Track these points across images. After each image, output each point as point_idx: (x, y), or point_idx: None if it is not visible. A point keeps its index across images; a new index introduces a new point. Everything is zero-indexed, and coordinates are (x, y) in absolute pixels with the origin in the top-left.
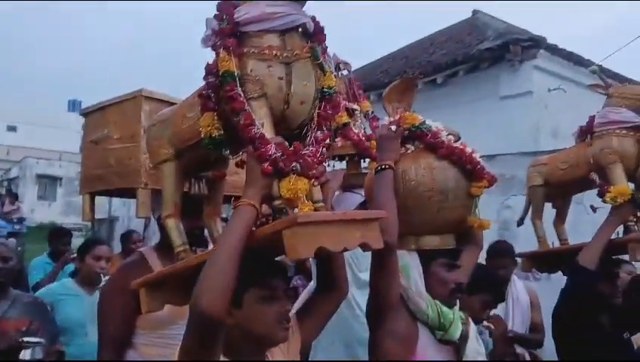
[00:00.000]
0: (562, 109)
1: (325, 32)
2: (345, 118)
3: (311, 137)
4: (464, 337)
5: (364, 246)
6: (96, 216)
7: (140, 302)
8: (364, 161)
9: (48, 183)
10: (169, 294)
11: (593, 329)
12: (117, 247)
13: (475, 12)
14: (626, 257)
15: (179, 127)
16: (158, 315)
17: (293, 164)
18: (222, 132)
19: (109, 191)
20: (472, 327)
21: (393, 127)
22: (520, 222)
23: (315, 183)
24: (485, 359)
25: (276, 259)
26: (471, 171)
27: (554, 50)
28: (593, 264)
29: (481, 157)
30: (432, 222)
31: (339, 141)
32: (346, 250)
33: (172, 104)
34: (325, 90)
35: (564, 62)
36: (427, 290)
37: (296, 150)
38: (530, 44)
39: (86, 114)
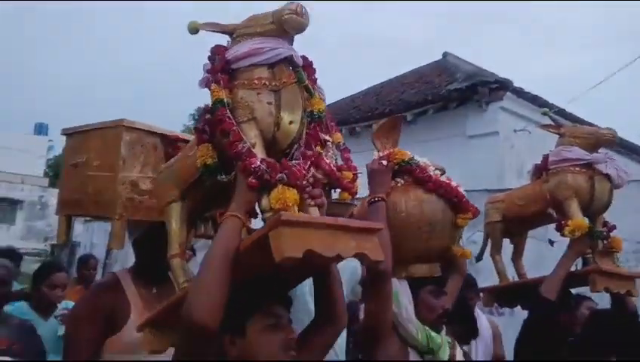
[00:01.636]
0: (527, 150)
1: (314, 67)
2: (318, 148)
3: (298, 154)
4: (451, 360)
5: (362, 257)
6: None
7: (112, 325)
8: (335, 191)
9: (8, 206)
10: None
11: (554, 358)
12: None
13: (445, 54)
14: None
15: (182, 167)
16: (128, 341)
17: (280, 174)
18: (216, 160)
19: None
20: (459, 351)
21: (384, 162)
22: (479, 258)
23: (312, 203)
24: None
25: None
26: (457, 204)
27: (519, 92)
28: (554, 295)
29: None
30: (420, 251)
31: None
32: (340, 257)
33: (154, 134)
34: (315, 112)
35: (529, 104)
36: (416, 316)
37: (282, 163)
38: (497, 87)
39: (68, 135)
